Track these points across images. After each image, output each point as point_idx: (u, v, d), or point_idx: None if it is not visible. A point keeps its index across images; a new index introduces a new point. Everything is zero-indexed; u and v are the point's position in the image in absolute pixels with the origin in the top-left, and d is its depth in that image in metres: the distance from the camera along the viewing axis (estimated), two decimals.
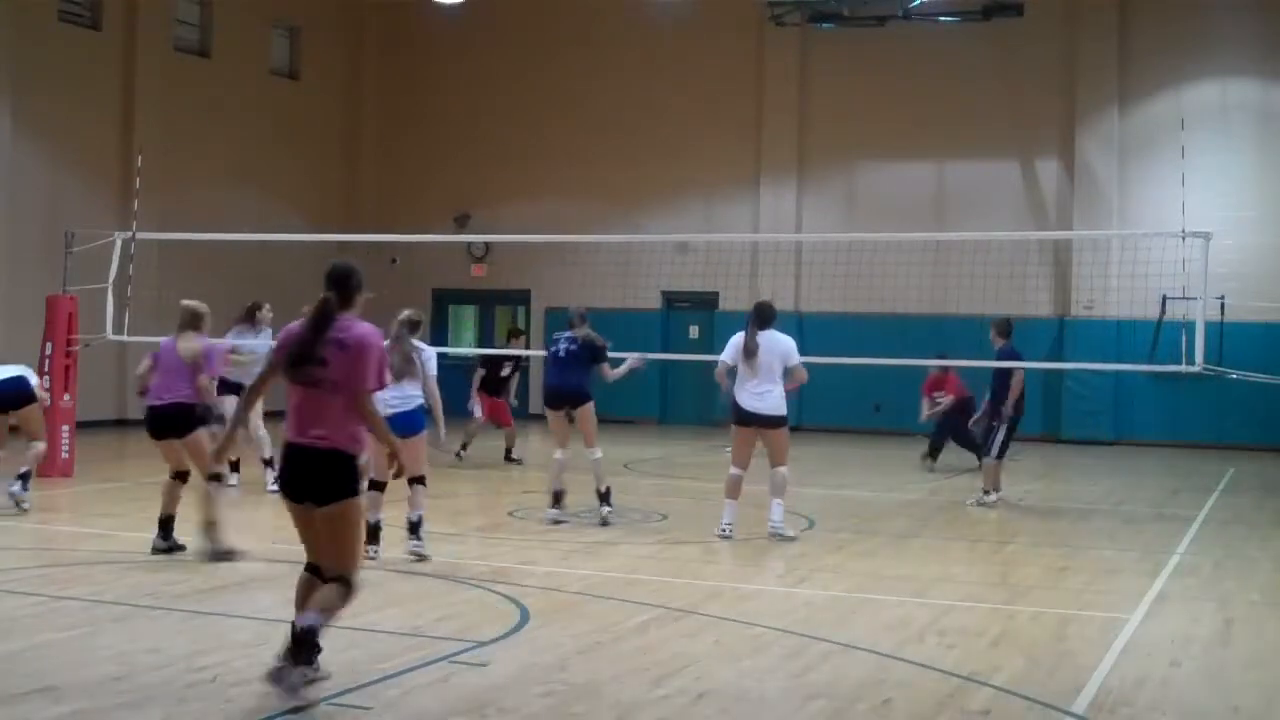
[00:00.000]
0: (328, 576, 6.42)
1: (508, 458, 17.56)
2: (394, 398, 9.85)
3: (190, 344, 10.24)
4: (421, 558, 10.09)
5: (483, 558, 10.38)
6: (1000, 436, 14.14)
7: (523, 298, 26.99)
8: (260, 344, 13.80)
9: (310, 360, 6.38)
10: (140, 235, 16.55)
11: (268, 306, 14.67)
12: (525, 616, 8.29)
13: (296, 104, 26.40)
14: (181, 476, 10.26)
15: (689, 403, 25.18)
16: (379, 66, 28.08)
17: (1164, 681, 7.16)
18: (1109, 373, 21.50)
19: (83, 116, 21.86)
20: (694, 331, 25.69)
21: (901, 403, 23.29)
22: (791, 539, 11.49)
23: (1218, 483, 17.37)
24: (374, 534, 10.18)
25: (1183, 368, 13.95)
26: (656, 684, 6.78)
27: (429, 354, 10.53)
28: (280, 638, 6.37)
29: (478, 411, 17.40)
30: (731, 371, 11.57)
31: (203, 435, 10.17)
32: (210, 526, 9.78)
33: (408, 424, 10.03)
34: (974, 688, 6.89)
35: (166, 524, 10.15)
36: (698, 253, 23.77)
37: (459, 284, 27.60)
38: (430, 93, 27.76)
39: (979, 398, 15.89)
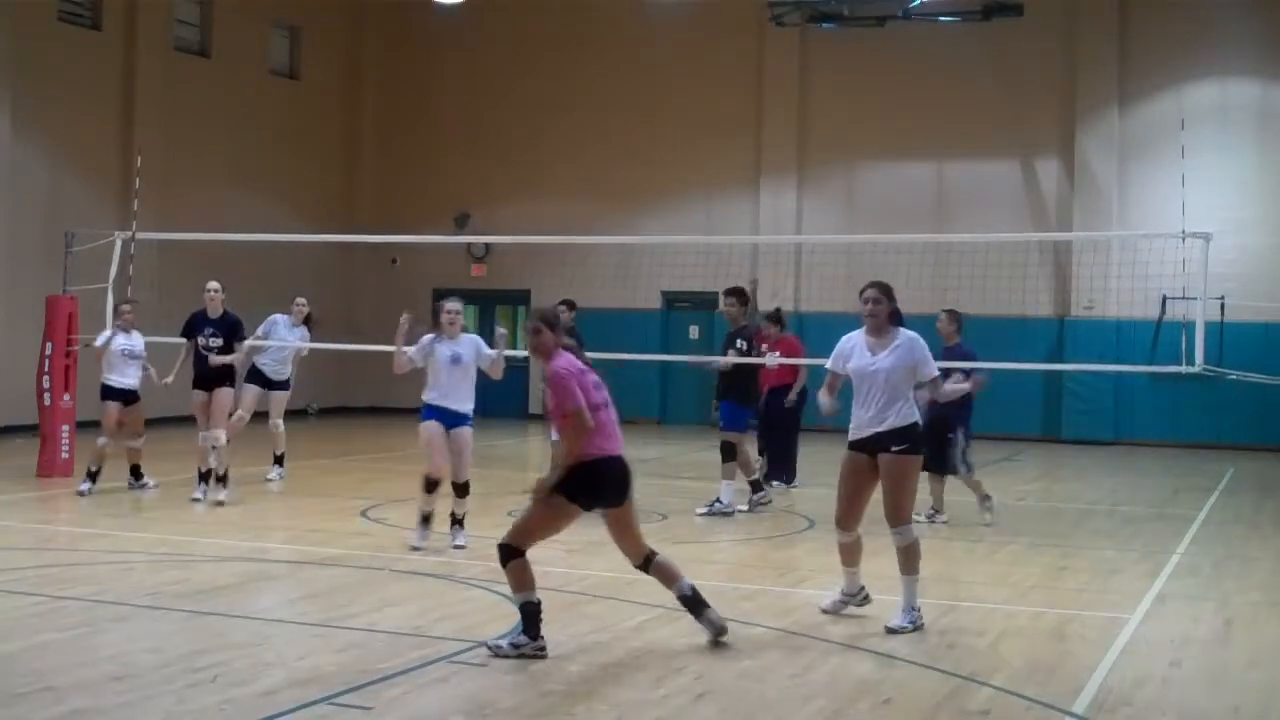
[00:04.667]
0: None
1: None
2: None
3: None
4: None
5: (483, 558, 10.37)
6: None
7: (523, 298, 26.99)
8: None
9: None
10: (140, 235, 16.53)
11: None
12: None
13: (296, 104, 26.40)
14: None
15: (689, 403, 25.17)
16: (379, 66, 28.07)
17: (1164, 681, 7.16)
18: (1109, 373, 21.48)
19: (83, 116, 21.84)
20: (694, 332, 25.67)
21: None
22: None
23: (1218, 483, 17.36)
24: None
25: (1182, 368, 13.93)
26: (656, 684, 6.78)
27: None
28: (279, 637, 6.36)
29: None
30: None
31: None
32: None
33: None
34: (974, 688, 6.89)
35: None
36: (697, 253, 23.75)
37: (459, 284, 27.52)
38: (430, 93, 27.77)
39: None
